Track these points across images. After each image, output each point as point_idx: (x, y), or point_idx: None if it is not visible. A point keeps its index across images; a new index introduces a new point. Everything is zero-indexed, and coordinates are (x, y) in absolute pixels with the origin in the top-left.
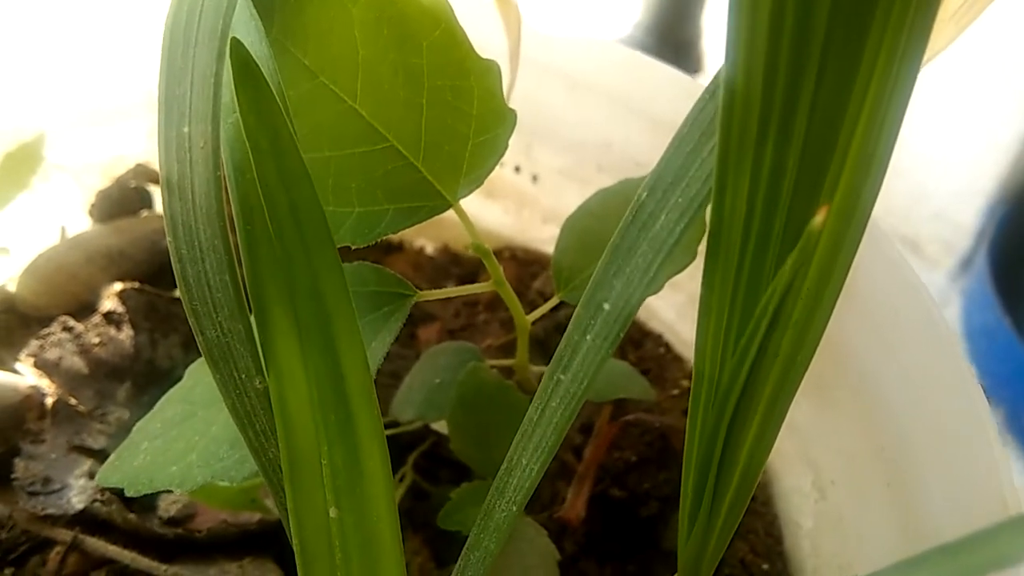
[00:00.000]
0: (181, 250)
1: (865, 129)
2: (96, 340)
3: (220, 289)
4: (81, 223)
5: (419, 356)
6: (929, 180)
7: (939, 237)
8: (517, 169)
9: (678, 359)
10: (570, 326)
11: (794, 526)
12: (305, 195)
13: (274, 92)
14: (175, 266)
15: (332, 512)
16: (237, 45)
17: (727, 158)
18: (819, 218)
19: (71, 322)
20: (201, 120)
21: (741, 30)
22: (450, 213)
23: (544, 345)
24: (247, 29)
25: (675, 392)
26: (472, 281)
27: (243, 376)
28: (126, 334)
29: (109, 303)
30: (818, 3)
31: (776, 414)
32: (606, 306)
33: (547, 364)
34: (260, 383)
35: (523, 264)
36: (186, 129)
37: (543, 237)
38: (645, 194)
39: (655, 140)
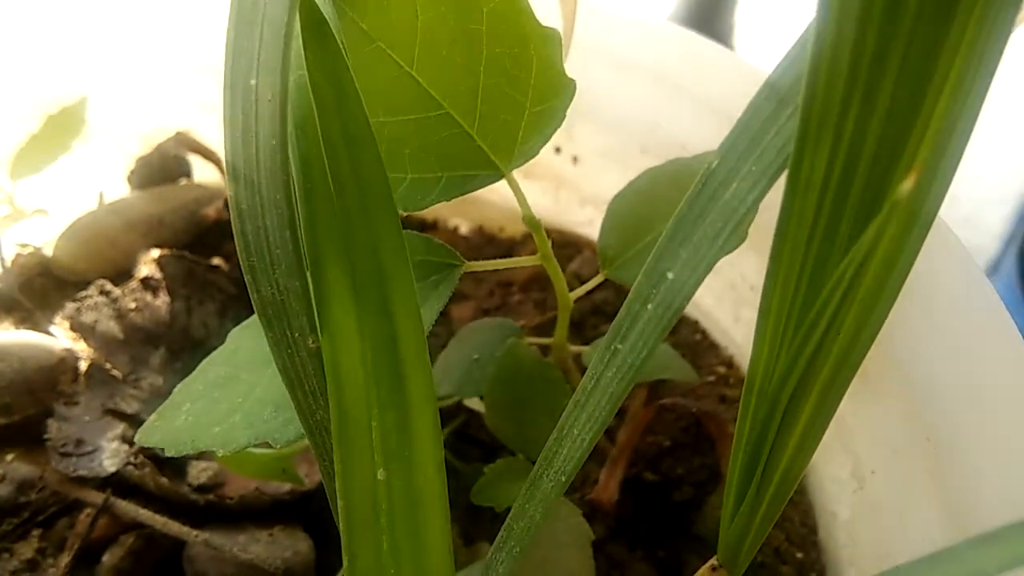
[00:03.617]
0: (241, 205)
1: (949, 98)
2: (132, 305)
3: (279, 245)
4: (119, 189)
5: (452, 335)
6: (958, 185)
7: (968, 242)
8: (557, 150)
9: (714, 346)
10: (630, 296)
11: (830, 516)
12: (368, 154)
13: (342, 49)
14: (234, 222)
15: (380, 474)
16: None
17: (809, 122)
18: (908, 184)
19: (108, 286)
20: (270, 72)
21: None
22: (485, 192)
23: (579, 327)
24: None
25: (711, 378)
26: None
27: (296, 335)
28: (162, 300)
29: (147, 269)
30: None
31: (831, 400)
32: (670, 275)
33: (582, 345)
34: (313, 342)
35: (559, 246)
36: (253, 81)
37: (579, 220)
38: (716, 162)
39: (704, 123)
